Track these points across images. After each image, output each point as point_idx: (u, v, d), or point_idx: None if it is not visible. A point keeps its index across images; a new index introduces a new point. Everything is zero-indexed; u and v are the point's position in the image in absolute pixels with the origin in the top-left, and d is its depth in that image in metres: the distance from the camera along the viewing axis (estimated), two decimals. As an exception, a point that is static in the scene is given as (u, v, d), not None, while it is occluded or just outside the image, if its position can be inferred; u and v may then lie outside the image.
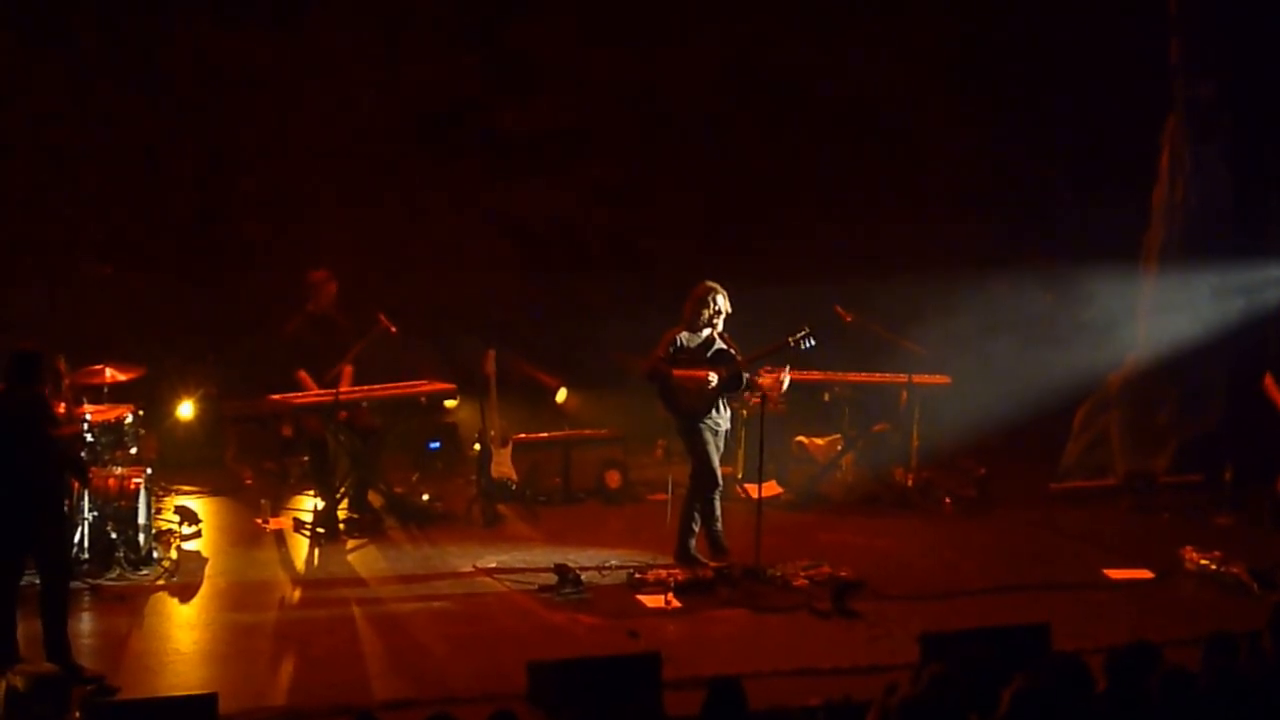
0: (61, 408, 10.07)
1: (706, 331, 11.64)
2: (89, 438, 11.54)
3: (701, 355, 11.61)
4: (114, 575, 11.12)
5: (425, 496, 13.57)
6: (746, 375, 11.70)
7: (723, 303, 11.60)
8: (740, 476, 13.89)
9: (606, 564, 11.74)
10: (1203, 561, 11.78)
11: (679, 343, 11.60)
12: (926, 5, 17.12)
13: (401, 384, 13.24)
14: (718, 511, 11.74)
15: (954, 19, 16.96)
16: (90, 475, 10.66)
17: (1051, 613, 9.83)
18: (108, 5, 16.16)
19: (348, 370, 12.82)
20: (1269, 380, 13.16)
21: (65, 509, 10.17)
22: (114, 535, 11.26)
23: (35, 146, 16.00)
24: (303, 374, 12.84)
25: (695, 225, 17.52)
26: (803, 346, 11.74)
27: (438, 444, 15.03)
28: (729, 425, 11.90)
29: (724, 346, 11.66)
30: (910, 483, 14.11)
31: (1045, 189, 17.13)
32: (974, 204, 17.07)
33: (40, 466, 9.37)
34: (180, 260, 16.56)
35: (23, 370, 9.37)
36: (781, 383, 11.89)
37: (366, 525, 12.83)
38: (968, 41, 16.93)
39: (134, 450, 12.21)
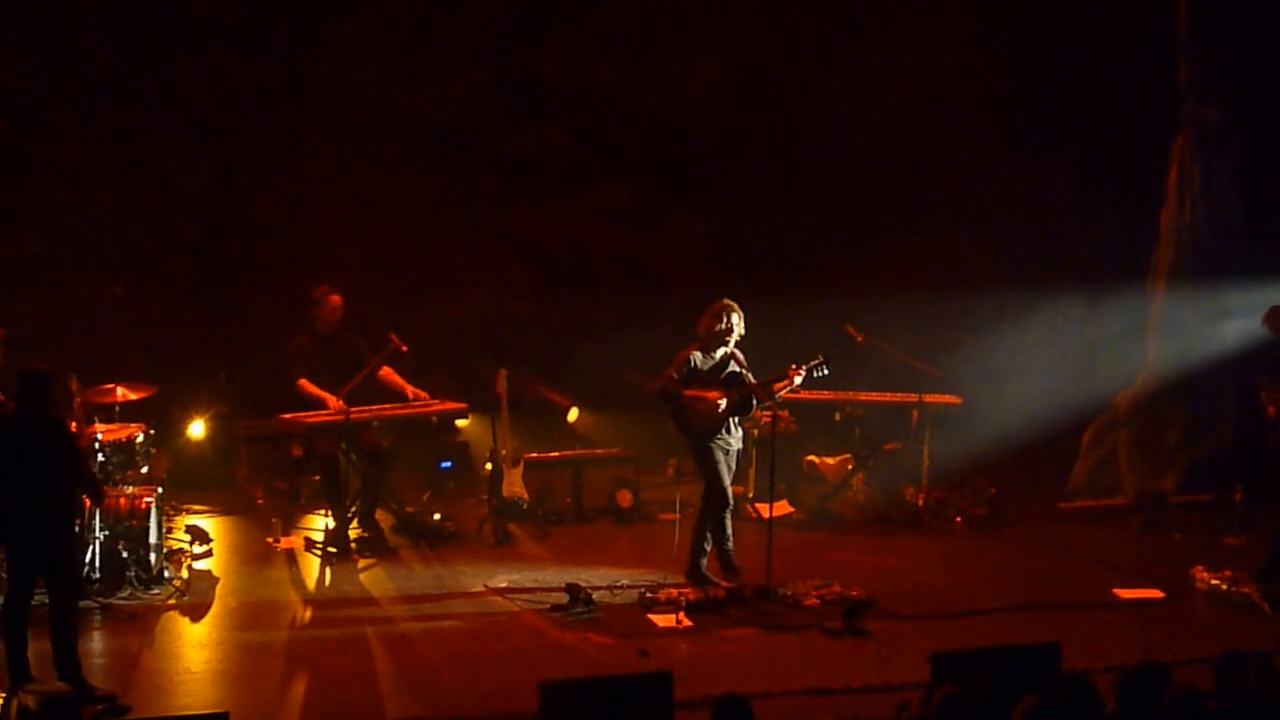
0: (73, 426, 10.08)
1: (720, 352, 11.63)
2: (100, 457, 11.59)
3: (714, 377, 11.61)
4: (125, 594, 11.14)
5: (437, 516, 13.57)
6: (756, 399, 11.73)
7: (738, 322, 11.61)
8: (751, 496, 13.90)
9: (618, 583, 11.75)
10: (1213, 581, 11.75)
11: (692, 363, 11.60)
12: (937, 27, 17.15)
13: (413, 403, 13.23)
14: (729, 531, 11.75)
15: (964, 41, 16.99)
16: (103, 493, 10.67)
17: (1062, 632, 9.83)
18: (122, 25, 16.23)
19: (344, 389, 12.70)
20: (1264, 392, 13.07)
21: (76, 528, 10.16)
22: (125, 554, 11.27)
23: (48, 165, 16.07)
24: (304, 382, 12.78)
25: (706, 246, 17.56)
26: (815, 375, 11.78)
27: (449, 463, 15.09)
28: (740, 445, 11.90)
29: (737, 369, 11.67)
30: (921, 502, 14.12)
31: (1053, 209, 17.13)
32: (983, 224, 17.08)
33: (52, 486, 9.38)
34: (193, 280, 16.62)
35: (32, 390, 9.38)
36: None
37: (374, 544, 12.85)
38: (977, 63, 16.94)
39: (145, 469, 12.26)
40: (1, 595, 9.64)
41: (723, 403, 11.51)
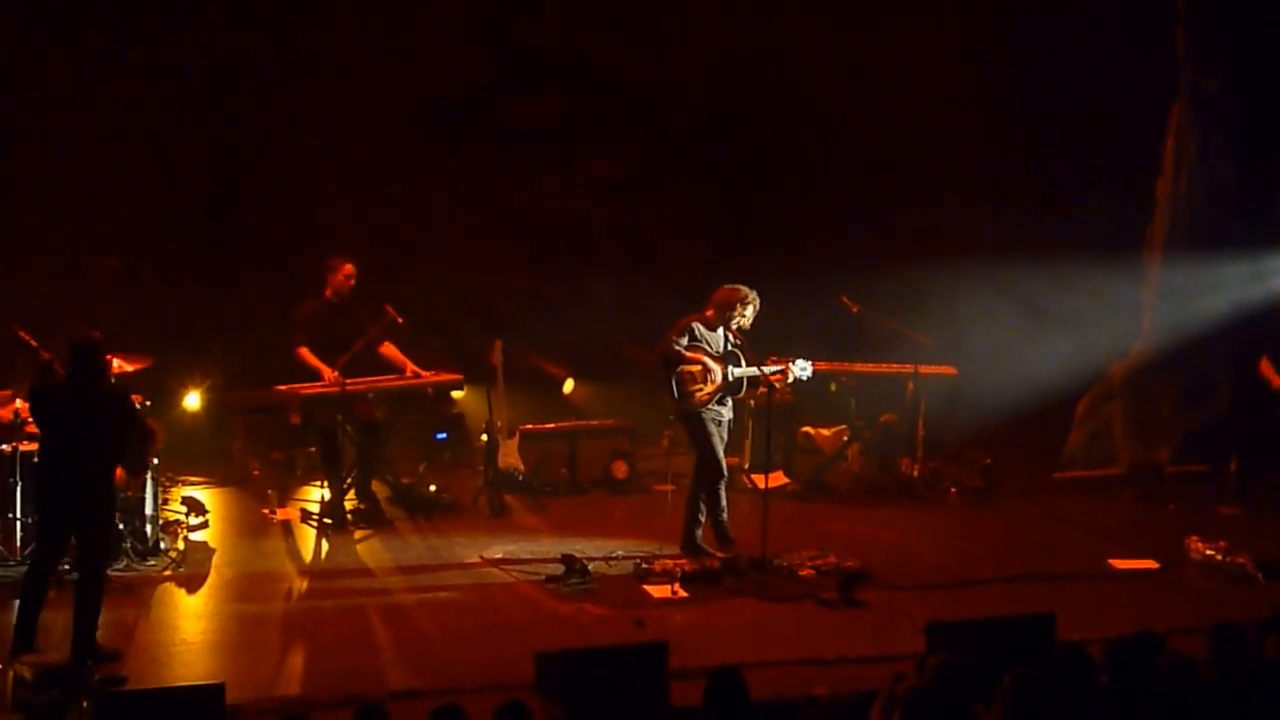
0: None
1: (721, 330, 11.63)
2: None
3: (713, 349, 11.60)
4: (121, 566, 11.09)
5: (432, 487, 13.59)
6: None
7: (750, 315, 11.61)
8: (747, 467, 13.92)
9: (613, 554, 11.76)
10: (1208, 552, 11.77)
11: (695, 332, 11.60)
12: (935, 1, 17.11)
13: (409, 375, 13.20)
14: (723, 502, 11.75)
15: (962, 12, 16.94)
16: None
17: (1057, 603, 9.85)
18: (118, -2, 16.20)
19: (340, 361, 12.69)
20: (1265, 362, 13.20)
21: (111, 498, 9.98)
22: (121, 526, 11.23)
23: (45, 139, 16.01)
24: (303, 350, 12.74)
25: (701, 219, 17.54)
26: (800, 375, 11.85)
27: (445, 435, 15.08)
28: (731, 415, 11.89)
29: (733, 349, 11.66)
30: (916, 473, 14.13)
31: (1049, 178, 17.11)
32: (979, 194, 17.06)
33: (94, 455, 9.33)
34: (188, 253, 16.57)
35: (84, 360, 9.34)
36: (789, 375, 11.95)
37: (370, 515, 12.85)
38: (973, 32, 16.89)
39: (141, 441, 12.23)
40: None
41: (717, 375, 11.52)
